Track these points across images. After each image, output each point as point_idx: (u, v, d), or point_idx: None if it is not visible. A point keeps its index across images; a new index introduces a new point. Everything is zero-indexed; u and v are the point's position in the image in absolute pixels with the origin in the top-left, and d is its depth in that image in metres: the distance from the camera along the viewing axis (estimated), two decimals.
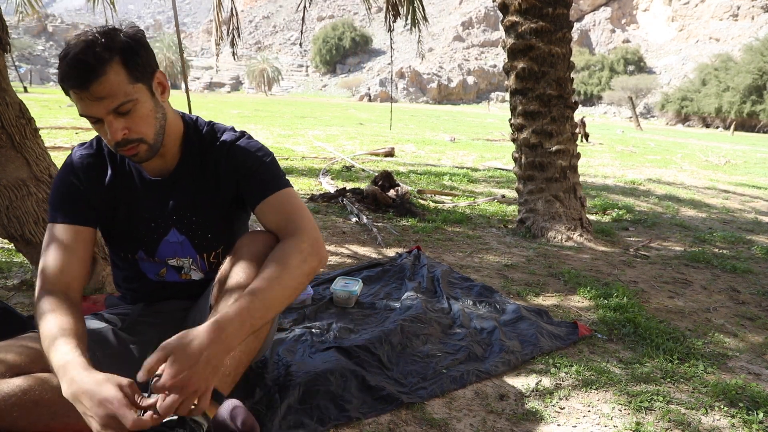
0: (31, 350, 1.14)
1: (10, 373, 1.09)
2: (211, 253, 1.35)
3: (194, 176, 1.30)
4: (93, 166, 1.28)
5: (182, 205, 1.30)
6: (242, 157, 1.29)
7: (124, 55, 1.09)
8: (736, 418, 1.54)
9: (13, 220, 2.05)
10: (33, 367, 1.12)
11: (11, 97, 2.06)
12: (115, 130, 1.11)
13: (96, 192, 1.27)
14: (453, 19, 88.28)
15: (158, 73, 1.18)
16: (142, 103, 1.14)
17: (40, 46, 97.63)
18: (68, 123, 10.88)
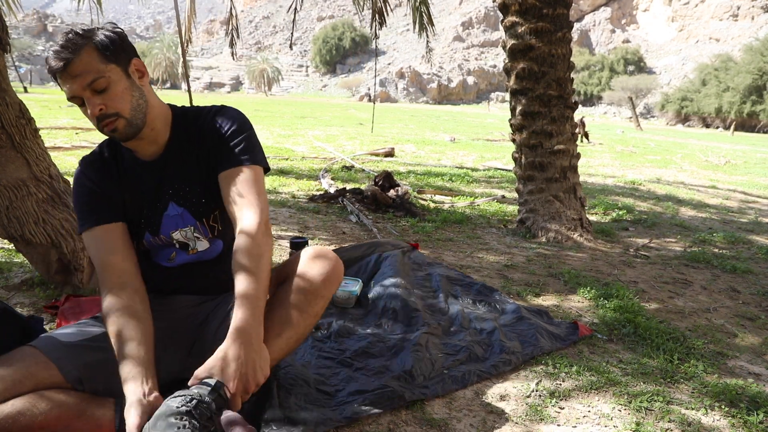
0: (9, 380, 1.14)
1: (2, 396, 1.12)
2: (210, 216, 1.42)
3: (182, 151, 1.39)
4: (101, 168, 1.39)
5: (175, 179, 1.39)
6: (220, 121, 1.38)
7: (95, 41, 1.23)
8: (736, 418, 1.54)
9: (13, 220, 2.05)
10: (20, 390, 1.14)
11: (11, 98, 2.06)
12: (93, 105, 1.22)
13: (110, 189, 1.37)
14: (453, 19, 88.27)
15: (135, 60, 1.31)
16: (116, 81, 1.24)
17: (40, 46, 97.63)
18: (68, 123, 10.88)
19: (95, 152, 1.42)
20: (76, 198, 1.38)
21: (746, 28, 65.55)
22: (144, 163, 1.38)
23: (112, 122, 1.25)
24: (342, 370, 1.66)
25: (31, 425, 1.12)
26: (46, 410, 1.15)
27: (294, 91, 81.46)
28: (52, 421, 1.15)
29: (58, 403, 1.17)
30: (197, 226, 1.42)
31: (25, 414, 1.12)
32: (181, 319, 1.42)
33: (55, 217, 2.12)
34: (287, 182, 5.49)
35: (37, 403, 1.14)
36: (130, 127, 1.28)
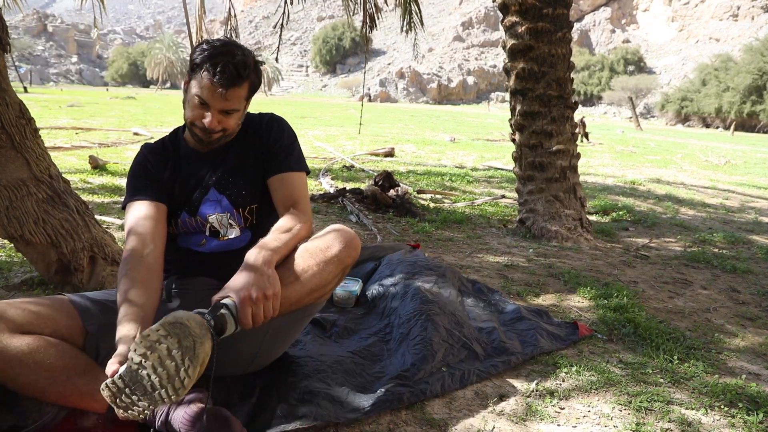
0: (34, 314, 1.25)
1: (18, 331, 1.20)
2: (246, 207, 1.53)
3: (238, 147, 1.55)
4: (161, 155, 1.56)
5: (223, 168, 1.53)
6: (279, 127, 1.57)
7: (252, 80, 1.45)
8: (736, 418, 1.54)
9: (13, 220, 2.04)
10: (41, 329, 1.24)
11: (11, 98, 2.06)
12: (215, 123, 1.41)
13: (163, 175, 1.53)
14: (453, 19, 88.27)
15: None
16: (241, 111, 1.47)
17: (40, 47, 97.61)
18: (68, 123, 10.88)
19: (158, 142, 1.59)
20: (132, 175, 1.52)
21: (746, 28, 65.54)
22: (201, 154, 1.54)
23: (218, 135, 1.45)
24: (342, 370, 1.66)
25: (37, 367, 1.18)
26: (56, 358, 1.21)
27: (294, 91, 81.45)
28: (58, 369, 1.20)
29: (69, 355, 1.24)
30: (233, 214, 1.52)
31: (35, 355, 1.18)
32: (199, 299, 1.44)
33: (55, 217, 2.11)
34: None
35: (50, 348, 1.21)
36: (224, 138, 1.50)
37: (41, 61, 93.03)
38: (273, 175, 1.52)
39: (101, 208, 3.73)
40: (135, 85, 78.76)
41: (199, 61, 1.37)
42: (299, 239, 1.43)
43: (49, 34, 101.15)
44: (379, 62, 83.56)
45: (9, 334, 1.19)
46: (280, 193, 1.51)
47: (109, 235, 2.37)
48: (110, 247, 2.29)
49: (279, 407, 1.41)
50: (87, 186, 4.65)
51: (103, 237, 2.29)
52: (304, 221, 1.45)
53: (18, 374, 1.18)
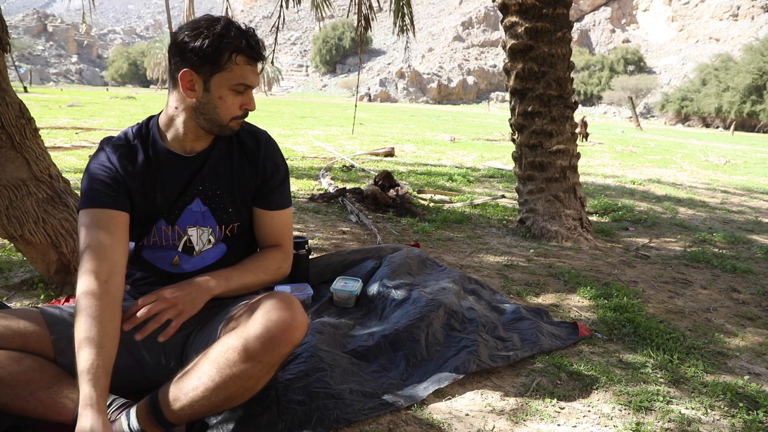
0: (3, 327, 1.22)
1: None
2: (230, 225, 1.44)
3: (223, 154, 1.43)
4: (125, 153, 1.37)
5: (209, 179, 1.41)
6: (276, 160, 1.48)
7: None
8: (736, 418, 1.54)
9: (13, 220, 2.04)
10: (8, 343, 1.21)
11: (11, 97, 2.06)
12: (251, 100, 1.35)
13: (130, 176, 1.35)
14: (453, 19, 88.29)
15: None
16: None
17: (40, 46, 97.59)
18: (68, 123, 10.88)
19: (121, 137, 1.41)
20: (89, 176, 1.32)
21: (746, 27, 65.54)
22: (180, 157, 1.38)
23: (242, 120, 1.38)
24: (341, 370, 1.66)
25: (1, 381, 1.17)
26: (18, 373, 1.18)
27: (294, 91, 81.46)
28: (20, 384, 1.19)
29: (33, 368, 1.21)
30: (215, 230, 1.43)
31: (3, 370, 1.17)
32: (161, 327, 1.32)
33: (55, 216, 2.11)
34: None
35: (12, 364, 1.18)
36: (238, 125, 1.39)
37: (41, 60, 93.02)
38: (264, 209, 1.47)
39: None
40: (135, 84, 78.76)
41: (222, 47, 1.24)
42: (274, 280, 1.47)
43: (49, 34, 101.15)
44: (379, 62, 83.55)
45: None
46: (268, 229, 1.48)
47: None
48: None
49: (278, 407, 1.41)
50: None
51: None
52: (287, 262, 1.49)
53: None
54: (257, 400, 1.41)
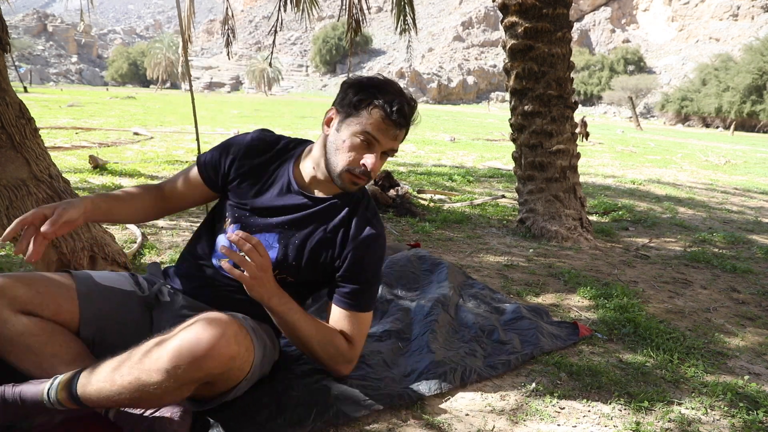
0: (39, 295, 1.28)
1: (19, 309, 1.24)
2: (282, 273, 1.42)
3: (327, 216, 1.42)
4: (256, 149, 1.45)
5: (299, 226, 1.41)
6: (365, 261, 1.42)
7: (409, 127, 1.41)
8: (736, 418, 1.54)
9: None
10: (41, 310, 1.27)
11: (11, 97, 2.06)
12: (377, 165, 1.34)
13: (241, 165, 1.44)
14: (453, 19, 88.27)
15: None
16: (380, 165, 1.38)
17: (40, 46, 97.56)
18: (68, 123, 10.88)
19: (266, 140, 1.48)
20: (227, 141, 1.47)
21: (746, 27, 65.54)
22: (294, 190, 1.42)
23: (364, 180, 1.36)
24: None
25: (26, 349, 1.23)
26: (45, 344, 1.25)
27: (294, 91, 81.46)
28: (46, 356, 1.24)
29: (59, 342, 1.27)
30: None
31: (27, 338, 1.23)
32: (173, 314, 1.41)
33: None
34: None
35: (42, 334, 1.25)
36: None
37: (41, 60, 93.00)
38: (340, 305, 1.44)
39: None
40: (135, 84, 78.78)
41: (366, 96, 1.29)
42: (324, 360, 1.45)
43: (49, 34, 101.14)
44: (379, 62, 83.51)
45: (10, 311, 1.23)
46: (341, 324, 1.45)
47: (109, 235, 2.37)
48: (110, 247, 2.29)
49: (277, 404, 1.41)
50: (87, 186, 4.65)
51: (103, 236, 2.29)
52: (348, 361, 1.47)
53: (8, 352, 1.23)
54: (257, 398, 1.41)
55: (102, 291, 1.39)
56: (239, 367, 1.20)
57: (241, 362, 1.20)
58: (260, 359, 1.33)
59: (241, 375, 1.24)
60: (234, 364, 1.17)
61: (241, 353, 1.18)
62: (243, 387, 1.32)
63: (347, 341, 1.45)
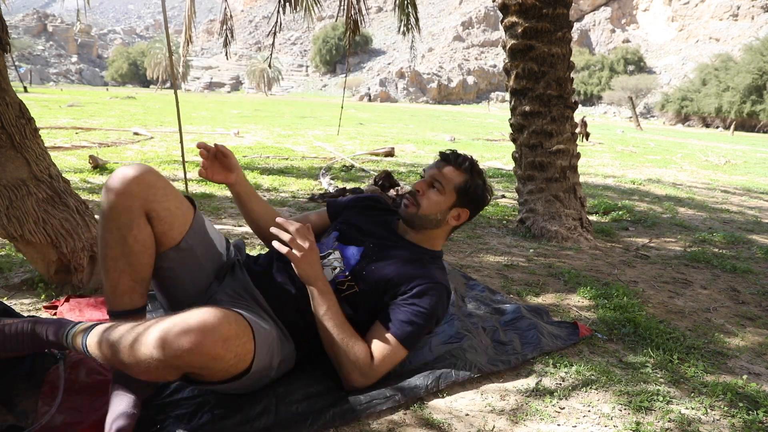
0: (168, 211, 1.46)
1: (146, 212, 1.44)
2: (352, 283, 1.57)
3: (407, 255, 1.62)
4: (370, 206, 1.82)
5: (382, 250, 1.63)
6: (427, 304, 1.53)
7: (466, 183, 1.64)
8: (736, 418, 1.54)
9: (13, 220, 2.04)
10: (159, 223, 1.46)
11: (11, 97, 2.06)
12: (418, 185, 1.66)
13: (354, 212, 1.79)
14: (453, 19, 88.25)
15: (462, 211, 1.66)
16: (437, 199, 1.62)
17: (40, 46, 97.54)
18: (68, 123, 10.88)
19: (379, 204, 1.85)
20: (352, 197, 1.88)
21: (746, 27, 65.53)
22: (392, 227, 1.73)
23: (411, 203, 1.63)
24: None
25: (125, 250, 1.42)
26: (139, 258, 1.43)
27: (294, 91, 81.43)
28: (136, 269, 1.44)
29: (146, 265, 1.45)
30: (342, 271, 1.59)
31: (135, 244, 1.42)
32: (234, 290, 1.57)
33: (55, 216, 2.11)
34: (288, 182, 5.49)
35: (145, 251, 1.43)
36: (411, 216, 1.64)
37: (41, 60, 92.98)
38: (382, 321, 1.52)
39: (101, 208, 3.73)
40: (135, 84, 78.77)
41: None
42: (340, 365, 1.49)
43: (49, 34, 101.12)
44: (379, 62, 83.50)
45: (141, 210, 1.40)
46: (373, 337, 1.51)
47: None
48: None
49: (276, 409, 1.41)
50: (87, 186, 4.65)
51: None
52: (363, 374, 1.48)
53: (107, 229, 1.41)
54: (255, 404, 1.41)
55: (204, 238, 1.55)
56: (225, 367, 1.23)
57: (228, 364, 1.22)
58: (266, 362, 1.36)
59: (234, 372, 1.27)
60: (216, 365, 1.20)
61: (227, 356, 1.20)
62: (246, 384, 1.34)
63: (371, 356, 1.49)
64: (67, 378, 1.43)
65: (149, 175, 1.42)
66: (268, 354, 1.38)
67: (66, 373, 1.44)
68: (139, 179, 1.40)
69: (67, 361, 1.50)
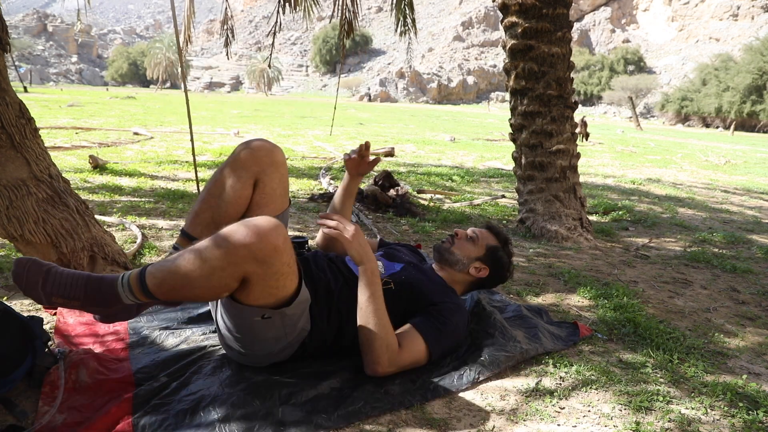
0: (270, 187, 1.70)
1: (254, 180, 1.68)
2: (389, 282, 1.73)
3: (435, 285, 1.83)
4: (412, 248, 2.14)
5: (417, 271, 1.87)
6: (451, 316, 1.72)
7: (493, 247, 1.94)
8: (736, 418, 1.54)
9: (13, 220, 2.04)
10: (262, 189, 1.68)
11: (11, 97, 2.06)
12: (459, 232, 1.97)
13: (399, 246, 2.11)
14: (453, 19, 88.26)
15: (483, 268, 1.92)
16: (469, 246, 1.92)
17: (40, 46, 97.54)
18: (68, 123, 10.88)
19: (419, 253, 2.13)
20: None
21: (746, 27, 65.55)
22: (431, 268, 1.96)
23: (449, 241, 1.93)
24: (344, 369, 1.66)
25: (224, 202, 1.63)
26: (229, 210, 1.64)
27: (294, 91, 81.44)
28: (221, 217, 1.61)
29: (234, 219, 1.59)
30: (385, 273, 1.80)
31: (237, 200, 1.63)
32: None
33: (55, 216, 2.11)
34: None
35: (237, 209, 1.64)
36: (443, 250, 1.91)
37: (41, 60, 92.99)
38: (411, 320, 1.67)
39: (101, 208, 3.73)
40: (135, 84, 78.78)
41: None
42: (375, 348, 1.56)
43: (48, 34, 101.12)
44: (379, 62, 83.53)
45: (251, 178, 1.61)
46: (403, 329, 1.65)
47: (109, 235, 2.37)
48: (110, 247, 2.29)
49: (280, 410, 1.41)
50: (87, 185, 4.65)
51: (103, 237, 2.29)
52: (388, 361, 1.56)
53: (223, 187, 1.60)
54: (261, 401, 1.41)
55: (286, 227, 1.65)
56: (281, 270, 1.36)
57: (284, 266, 1.37)
58: (303, 306, 1.52)
59: (284, 290, 1.41)
60: (276, 259, 1.33)
61: (285, 254, 1.35)
62: (286, 322, 1.49)
63: (400, 347, 1.60)
64: (67, 378, 1.44)
65: (279, 155, 1.66)
66: (304, 302, 1.52)
67: (66, 373, 1.44)
68: (270, 153, 1.62)
69: (67, 360, 1.50)
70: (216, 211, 1.60)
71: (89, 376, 1.48)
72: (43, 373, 1.47)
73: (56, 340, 1.76)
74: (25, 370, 1.44)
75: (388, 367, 1.57)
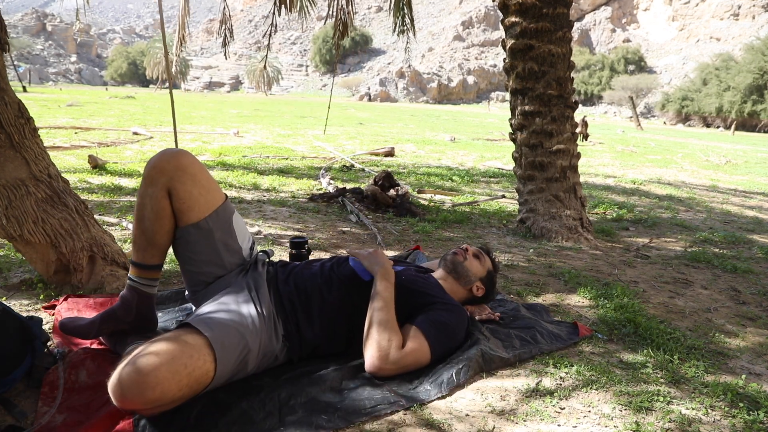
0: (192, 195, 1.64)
1: (169, 192, 1.62)
2: None
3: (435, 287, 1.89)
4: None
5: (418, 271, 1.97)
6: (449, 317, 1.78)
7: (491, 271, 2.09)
8: (736, 418, 1.54)
9: (12, 219, 2.04)
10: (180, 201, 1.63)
11: (10, 97, 2.05)
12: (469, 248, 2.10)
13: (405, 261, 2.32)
14: (453, 18, 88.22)
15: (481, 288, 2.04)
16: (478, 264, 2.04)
17: (39, 46, 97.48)
18: (67, 123, 10.88)
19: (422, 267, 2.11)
20: None
21: (747, 27, 65.53)
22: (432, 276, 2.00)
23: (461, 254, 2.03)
24: (344, 370, 1.65)
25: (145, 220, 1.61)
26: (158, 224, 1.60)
27: (294, 91, 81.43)
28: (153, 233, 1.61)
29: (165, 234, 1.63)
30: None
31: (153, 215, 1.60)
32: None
33: (54, 216, 2.11)
34: (287, 182, 5.49)
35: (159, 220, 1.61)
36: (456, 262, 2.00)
37: (40, 60, 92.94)
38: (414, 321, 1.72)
39: (100, 208, 3.73)
40: (134, 84, 78.77)
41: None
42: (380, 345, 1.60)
43: (48, 34, 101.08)
44: (379, 62, 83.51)
45: (164, 191, 1.57)
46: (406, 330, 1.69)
47: (108, 235, 2.36)
48: (109, 247, 2.29)
49: (279, 413, 1.41)
50: (86, 185, 4.64)
51: (103, 237, 2.29)
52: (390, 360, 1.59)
53: (143, 208, 1.59)
54: (258, 408, 1.41)
55: (227, 227, 1.67)
56: (177, 396, 1.26)
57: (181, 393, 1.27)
58: (233, 366, 1.42)
59: (191, 393, 1.31)
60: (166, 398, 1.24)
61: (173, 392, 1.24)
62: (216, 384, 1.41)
63: (404, 345, 1.64)
64: (67, 378, 1.43)
65: (184, 158, 1.61)
66: (234, 350, 1.43)
67: (66, 373, 1.44)
68: (173, 160, 1.58)
69: (66, 361, 1.50)
70: (148, 233, 1.61)
71: (88, 376, 1.48)
72: (42, 373, 1.46)
73: (55, 340, 1.76)
74: (24, 370, 1.43)
75: (390, 366, 1.59)
